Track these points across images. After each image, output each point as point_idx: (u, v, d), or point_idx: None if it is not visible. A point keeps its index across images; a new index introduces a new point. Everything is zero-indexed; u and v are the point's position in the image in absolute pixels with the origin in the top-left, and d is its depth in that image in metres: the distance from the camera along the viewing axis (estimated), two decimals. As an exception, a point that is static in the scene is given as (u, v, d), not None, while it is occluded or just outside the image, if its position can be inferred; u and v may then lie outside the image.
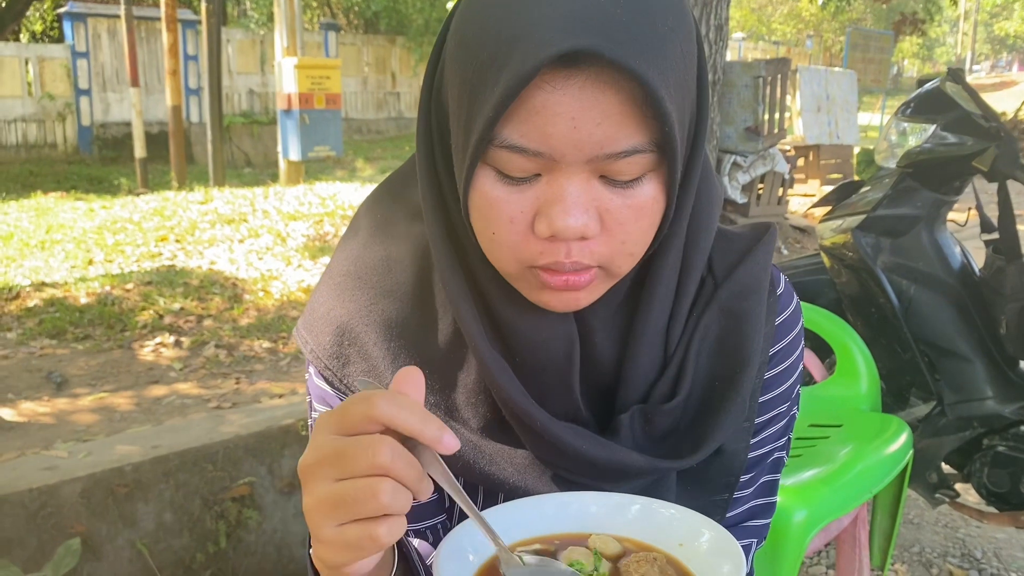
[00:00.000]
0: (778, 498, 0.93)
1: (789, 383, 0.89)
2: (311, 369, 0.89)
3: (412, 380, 0.64)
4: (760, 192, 7.39)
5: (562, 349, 0.78)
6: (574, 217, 0.68)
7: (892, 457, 1.84)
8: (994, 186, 2.30)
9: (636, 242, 0.72)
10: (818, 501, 1.64)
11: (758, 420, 0.88)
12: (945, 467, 2.40)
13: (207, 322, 4.24)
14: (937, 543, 2.77)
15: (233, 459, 2.71)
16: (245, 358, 3.81)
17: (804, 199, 9.57)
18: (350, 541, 0.61)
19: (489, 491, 0.86)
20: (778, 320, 0.88)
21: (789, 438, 0.93)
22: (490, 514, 0.71)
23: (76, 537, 2.42)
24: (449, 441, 0.61)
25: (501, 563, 0.66)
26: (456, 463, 0.82)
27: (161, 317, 4.25)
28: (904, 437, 1.91)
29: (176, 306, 4.41)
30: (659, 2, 0.67)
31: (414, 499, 0.62)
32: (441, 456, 0.81)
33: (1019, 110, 15.67)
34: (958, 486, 2.40)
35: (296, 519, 2.81)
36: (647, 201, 0.70)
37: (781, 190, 7.58)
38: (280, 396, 3.24)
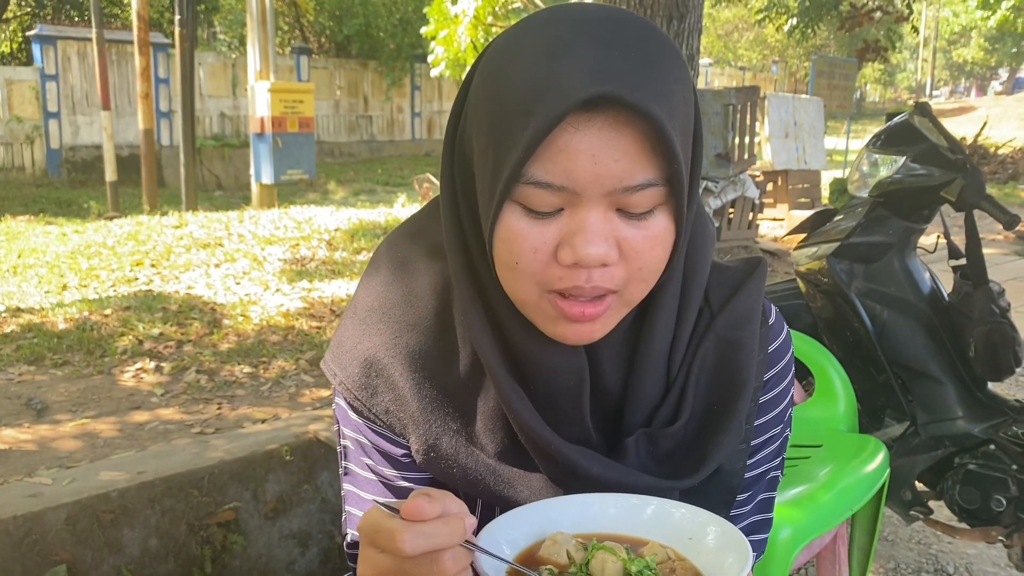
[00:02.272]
0: (773, 514, 0.99)
1: (782, 407, 0.96)
2: (339, 400, 0.93)
3: (415, 508, 0.67)
4: (731, 217, 7.52)
5: (573, 379, 0.84)
6: (595, 246, 0.74)
7: (870, 476, 1.91)
8: (961, 215, 2.40)
9: (652, 271, 0.79)
10: (802, 519, 1.70)
11: (754, 442, 0.94)
12: (919, 485, 2.47)
13: (187, 347, 4.23)
14: (911, 559, 2.84)
15: (218, 484, 2.71)
16: (226, 383, 3.81)
17: (773, 223, 9.73)
18: None
19: (505, 512, 0.91)
20: (770, 348, 0.94)
21: (783, 458, 0.99)
22: (520, 511, 0.77)
23: (62, 564, 2.41)
24: (471, 524, 0.69)
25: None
26: (476, 487, 0.87)
27: (141, 342, 4.24)
28: (881, 457, 1.98)
29: (155, 331, 4.40)
30: (665, 57, 0.74)
31: None
32: (464, 477, 0.87)
33: (978, 135, 16.09)
34: (931, 503, 2.47)
35: (280, 544, 2.82)
36: (660, 232, 0.77)
37: (751, 215, 7.72)
38: (263, 421, 3.25)
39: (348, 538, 0.95)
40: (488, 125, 0.76)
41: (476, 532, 0.73)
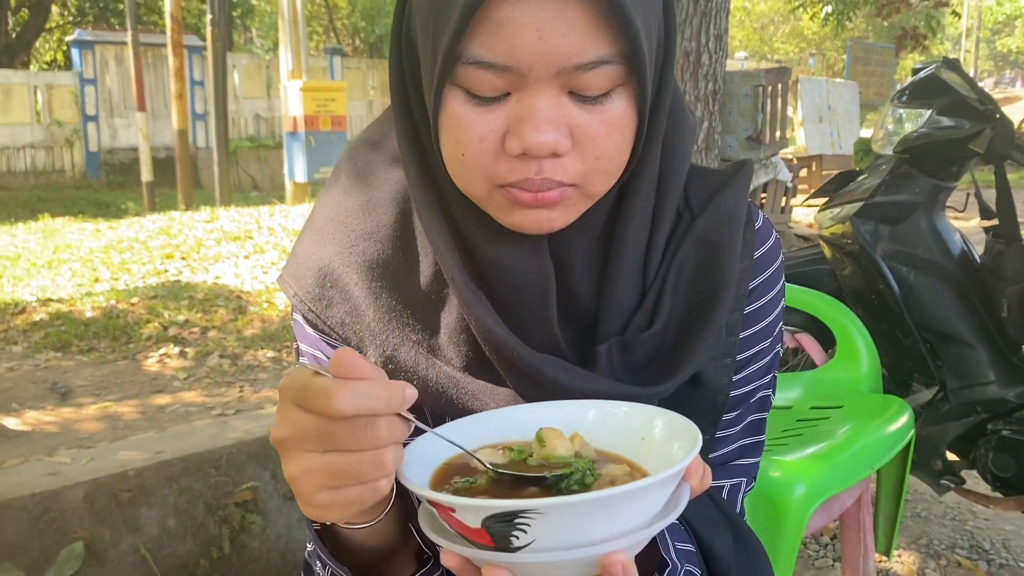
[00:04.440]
0: (765, 437, 0.93)
1: (771, 318, 0.89)
2: (296, 315, 0.89)
3: (349, 363, 0.60)
4: (763, 201, 7.39)
5: (538, 283, 0.78)
6: (544, 133, 0.67)
7: (893, 435, 1.83)
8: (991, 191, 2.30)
9: (611, 159, 0.72)
10: (818, 476, 1.63)
11: (741, 356, 0.87)
12: (949, 454, 2.37)
13: (211, 333, 4.26)
14: (945, 535, 2.74)
15: (236, 464, 2.70)
16: (249, 367, 3.81)
17: (807, 209, 9.57)
18: (352, 500, 0.61)
19: None
20: (757, 254, 0.88)
21: (775, 376, 0.93)
22: (444, 429, 0.71)
23: (79, 541, 2.41)
24: (411, 395, 0.61)
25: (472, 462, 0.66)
26: (439, 400, 0.81)
27: (166, 329, 4.27)
28: (906, 417, 1.90)
29: (181, 318, 4.43)
30: None
31: None
32: (425, 390, 0.81)
33: (1021, 124, 15.72)
34: (963, 473, 2.38)
35: (300, 525, 2.79)
36: (618, 116, 0.70)
37: (784, 199, 7.58)
38: (284, 403, 3.24)
39: None
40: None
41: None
